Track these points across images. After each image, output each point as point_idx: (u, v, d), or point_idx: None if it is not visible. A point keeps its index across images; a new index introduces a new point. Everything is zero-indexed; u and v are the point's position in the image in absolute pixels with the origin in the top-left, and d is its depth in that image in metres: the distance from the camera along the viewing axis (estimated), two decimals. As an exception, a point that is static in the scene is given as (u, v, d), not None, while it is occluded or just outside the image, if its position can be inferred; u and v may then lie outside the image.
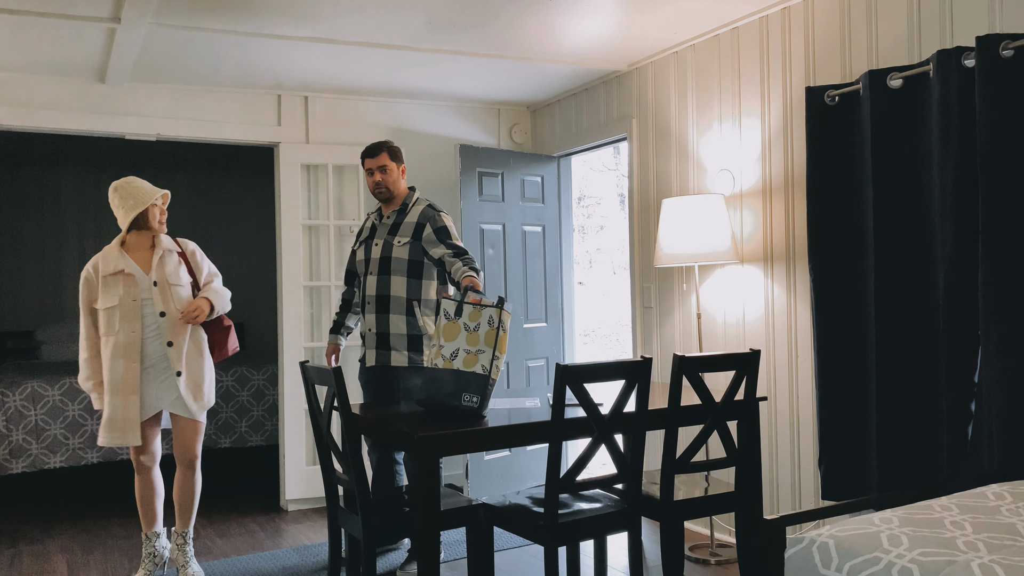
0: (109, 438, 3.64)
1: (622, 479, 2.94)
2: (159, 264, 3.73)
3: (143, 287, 3.68)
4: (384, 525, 2.95)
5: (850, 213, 3.42)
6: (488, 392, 2.95)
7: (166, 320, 3.69)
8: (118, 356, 3.63)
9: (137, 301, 3.66)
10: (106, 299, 3.65)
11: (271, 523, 4.86)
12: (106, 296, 3.65)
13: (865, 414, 3.39)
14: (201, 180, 8.23)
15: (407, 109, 5.54)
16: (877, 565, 1.85)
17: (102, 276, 3.67)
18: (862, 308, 3.38)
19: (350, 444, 2.94)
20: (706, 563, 3.95)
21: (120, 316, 3.63)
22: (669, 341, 4.65)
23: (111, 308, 3.65)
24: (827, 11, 3.67)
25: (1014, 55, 2.77)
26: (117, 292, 3.65)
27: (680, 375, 2.99)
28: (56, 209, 7.62)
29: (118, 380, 3.63)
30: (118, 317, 3.64)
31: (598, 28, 4.17)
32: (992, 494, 2.27)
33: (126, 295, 3.65)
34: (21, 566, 4.17)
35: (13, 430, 5.32)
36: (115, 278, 3.67)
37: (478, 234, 5.19)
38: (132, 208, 3.65)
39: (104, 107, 4.83)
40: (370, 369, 3.86)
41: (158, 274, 3.71)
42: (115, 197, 3.69)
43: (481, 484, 5.11)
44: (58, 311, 7.62)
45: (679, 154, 4.55)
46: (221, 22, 3.90)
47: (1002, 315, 2.78)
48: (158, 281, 3.70)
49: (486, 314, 2.97)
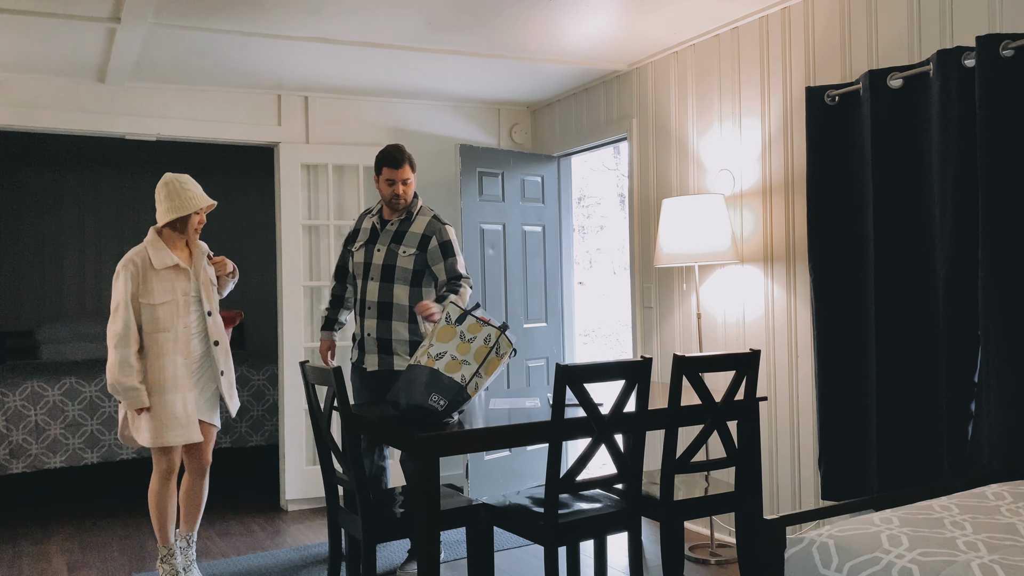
0: (172, 436, 3.50)
1: (622, 479, 2.94)
2: (199, 263, 3.67)
3: (192, 284, 3.62)
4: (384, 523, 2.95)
5: (850, 213, 3.42)
6: (458, 400, 2.88)
7: (212, 319, 3.65)
8: (174, 352, 3.53)
9: (188, 296, 3.59)
10: (161, 294, 3.53)
11: (271, 523, 4.86)
12: (160, 291, 3.53)
13: (865, 414, 3.39)
14: (201, 180, 8.21)
15: (407, 109, 5.54)
16: (877, 565, 1.85)
17: (156, 270, 3.54)
18: (862, 308, 3.38)
19: (350, 444, 2.94)
20: (706, 563, 3.95)
21: (175, 312, 3.54)
22: (669, 341, 4.65)
23: (166, 303, 3.53)
24: (827, 11, 3.67)
25: (1014, 55, 2.77)
26: (171, 287, 3.55)
27: (680, 375, 2.99)
28: (56, 209, 7.62)
29: (174, 377, 3.52)
30: (173, 313, 3.54)
31: (598, 28, 4.17)
32: (992, 494, 2.27)
33: (180, 290, 3.57)
34: (21, 566, 4.17)
35: (13, 430, 5.32)
36: (169, 272, 3.56)
37: (478, 234, 5.19)
38: (175, 210, 3.55)
39: (104, 107, 4.83)
40: (373, 374, 3.84)
41: (201, 273, 3.65)
42: (162, 191, 3.58)
43: (481, 484, 5.11)
44: (58, 311, 7.62)
45: (679, 154, 4.55)
46: (221, 22, 3.90)
47: (1002, 315, 2.78)
48: (202, 280, 3.65)
49: (485, 331, 2.96)
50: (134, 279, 3.51)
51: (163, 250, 3.57)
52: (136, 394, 3.47)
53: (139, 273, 3.52)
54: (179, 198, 3.55)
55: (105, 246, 7.80)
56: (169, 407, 3.51)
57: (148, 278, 3.53)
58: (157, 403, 3.51)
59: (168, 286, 3.54)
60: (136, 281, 3.51)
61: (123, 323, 3.48)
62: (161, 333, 3.52)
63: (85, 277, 7.72)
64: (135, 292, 3.51)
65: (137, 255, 3.55)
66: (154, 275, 3.53)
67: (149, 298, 3.52)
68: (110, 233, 7.81)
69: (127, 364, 3.47)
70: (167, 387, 3.51)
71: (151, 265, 3.54)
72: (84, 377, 5.60)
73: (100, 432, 5.56)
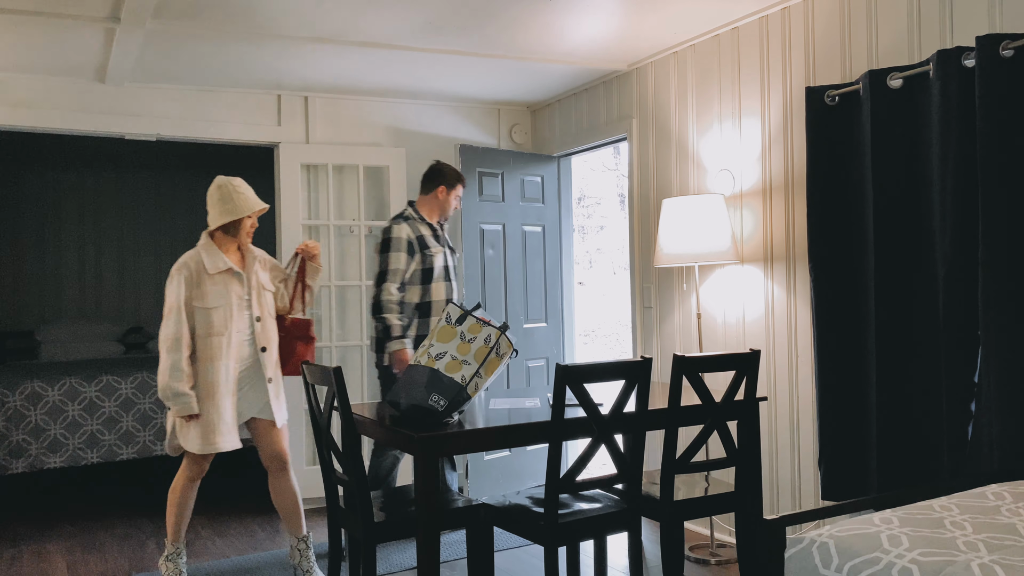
0: (222, 442, 3.48)
1: (622, 479, 2.94)
2: (251, 267, 3.64)
3: (245, 288, 3.60)
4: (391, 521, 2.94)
5: (850, 213, 3.42)
6: (459, 401, 2.88)
7: (260, 325, 3.62)
8: (226, 357, 3.50)
9: (241, 300, 3.58)
10: (214, 298, 3.50)
11: (271, 523, 4.86)
12: (214, 295, 3.51)
13: (865, 414, 3.39)
14: (201, 180, 8.23)
15: (407, 109, 5.54)
16: (877, 565, 1.85)
17: (210, 274, 3.52)
18: (862, 308, 3.38)
19: (350, 444, 2.94)
20: (706, 563, 3.95)
21: (228, 316, 3.52)
22: (669, 341, 4.65)
23: (220, 307, 3.51)
24: (827, 11, 3.67)
25: (1014, 55, 2.77)
26: (224, 291, 3.53)
27: (680, 375, 2.99)
28: (56, 209, 7.62)
29: (226, 382, 3.50)
30: (226, 317, 3.51)
31: (598, 28, 4.17)
32: (992, 494, 2.27)
33: (233, 294, 3.54)
34: (21, 566, 4.17)
35: (13, 430, 5.32)
36: (223, 276, 3.55)
37: (478, 234, 5.19)
38: (228, 213, 3.53)
39: (104, 107, 4.83)
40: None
41: (253, 277, 3.63)
42: (216, 194, 3.56)
43: (481, 484, 5.11)
44: (58, 311, 7.62)
45: (679, 154, 4.55)
46: (221, 22, 3.90)
47: (1002, 315, 2.78)
48: (254, 285, 3.62)
49: (485, 332, 2.96)
50: (188, 283, 3.50)
51: (216, 254, 3.55)
52: (186, 400, 3.44)
53: (193, 277, 3.51)
54: (232, 201, 3.54)
55: (105, 246, 7.80)
56: (220, 412, 3.49)
57: (202, 282, 3.51)
58: (208, 408, 3.48)
59: (222, 290, 3.52)
60: (190, 285, 3.50)
61: (175, 327, 3.47)
62: (214, 337, 3.50)
63: (85, 277, 7.72)
64: (188, 296, 3.49)
65: (191, 259, 3.54)
66: (208, 279, 3.52)
67: (203, 302, 3.50)
68: (110, 233, 7.81)
69: (178, 369, 3.44)
70: (219, 392, 3.49)
71: (205, 269, 3.52)
72: (84, 377, 5.60)
73: (100, 432, 5.56)
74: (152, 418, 5.72)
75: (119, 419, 5.62)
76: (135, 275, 7.93)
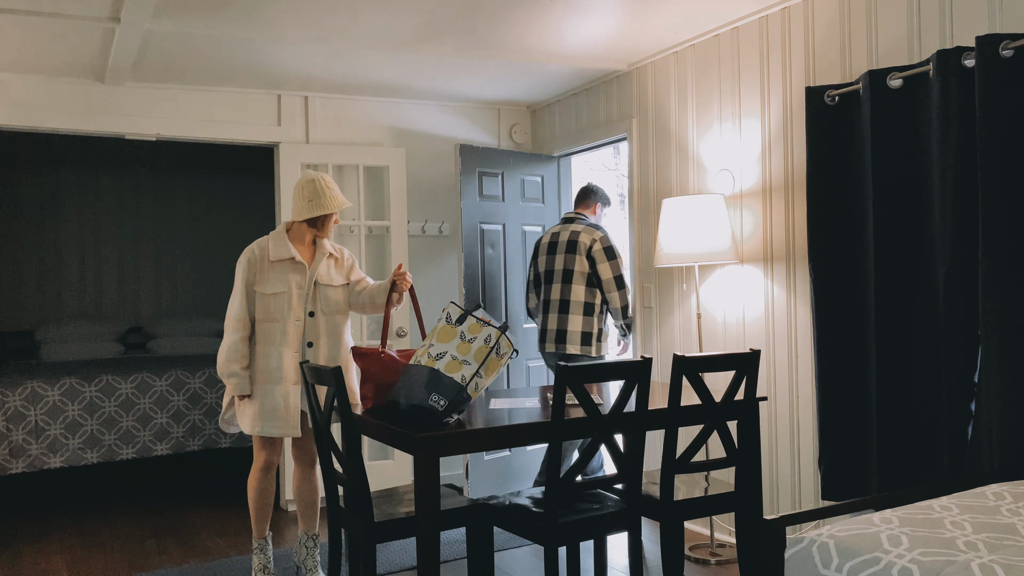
0: (269, 427, 3.54)
1: (622, 479, 2.94)
2: (317, 262, 3.67)
3: (305, 280, 3.63)
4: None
5: (850, 213, 3.42)
6: (459, 401, 2.86)
7: (313, 320, 3.64)
8: (282, 344, 3.56)
9: (302, 291, 3.61)
10: (274, 284, 3.57)
11: (273, 522, 4.86)
12: (274, 281, 3.57)
13: (865, 414, 3.39)
14: (201, 180, 8.23)
15: (407, 109, 5.54)
16: (877, 565, 1.85)
17: (271, 261, 3.59)
18: (862, 308, 3.38)
19: (350, 444, 2.94)
20: (706, 563, 3.95)
21: (287, 304, 3.57)
22: (669, 341, 4.65)
23: (279, 294, 3.57)
24: (827, 11, 3.67)
25: (1014, 55, 2.77)
26: (285, 279, 3.58)
27: (680, 375, 2.99)
28: (56, 209, 7.62)
29: (279, 368, 3.55)
30: (285, 305, 3.57)
31: (598, 28, 4.17)
32: (992, 494, 2.27)
33: (294, 283, 3.59)
34: (21, 566, 4.17)
35: (13, 430, 5.32)
36: (284, 264, 3.60)
37: (478, 234, 5.19)
38: (315, 208, 3.56)
39: (104, 107, 4.83)
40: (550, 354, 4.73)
41: (316, 272, 3.65)
42: (308, 188, 3.58)
43: (481, 484, 5.11)
44: (58, 311, 7.62)
45: (679, 154, 4.55)
46: (221, 22, 3.90)
47: (1002, 315, 2.78)
48: (315, 280, 3.65)
49: (485, 332, 2.96)
50: (251, 267, 3.59)
51: (284, 243, 3.62)
52: (238, 380, 3.56)
53: (256, 262, 3.60)
54: (324, 196, 3.59)
55: (105, 246, 7.80)
56: (271, 398, 3.56)
57: (264, 267, 3.59)
58: (260, 392, 3.57)
59: (282, 278, 3.59)
60: (253, 269, 3.59)
61: (237, 309, 3.58)
62: (271, 323, 3.57)
63: (85, 277, 7.72)
64: (251, 280, 3.59)
65: (258, 245, 3.64)
66: (269, 266, 3.59)
67: (263, 287, 3.58)
68: (110, 233, 7.81)
69: (234, 349, 3.56)
70: (271, 378, 3.56)
71: (268, 255, 3.60)
72: (84, 377, 5.60)
73: (100, 432, 5.56)
74: (152, 418, 5.72)
75: (119, 419, 5.62)
76: (135, 275, 7.93)
